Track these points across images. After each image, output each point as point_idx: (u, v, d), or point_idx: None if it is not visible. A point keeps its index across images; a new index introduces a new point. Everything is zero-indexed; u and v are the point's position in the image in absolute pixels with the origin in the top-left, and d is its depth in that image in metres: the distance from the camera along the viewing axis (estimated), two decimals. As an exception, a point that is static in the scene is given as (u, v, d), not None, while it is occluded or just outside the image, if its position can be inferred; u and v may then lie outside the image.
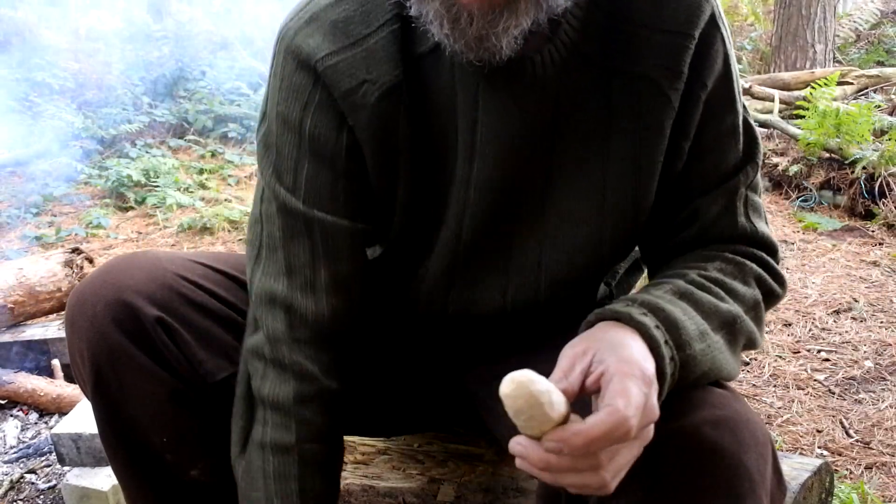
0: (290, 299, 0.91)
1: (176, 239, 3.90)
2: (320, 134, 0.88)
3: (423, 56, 0.86)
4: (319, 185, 0.89)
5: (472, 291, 0.95)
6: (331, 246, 0.91)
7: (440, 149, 0.88)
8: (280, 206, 0.90)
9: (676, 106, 0.86)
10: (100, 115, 5.46)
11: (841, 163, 3.84)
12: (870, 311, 2.70)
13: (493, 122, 0.85)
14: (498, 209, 0.89)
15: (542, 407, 0.63)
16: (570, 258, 0.92)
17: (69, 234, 3.96)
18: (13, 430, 2.10)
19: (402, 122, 0.87)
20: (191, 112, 5.73)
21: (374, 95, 0.85)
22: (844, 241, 3.43)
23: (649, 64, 0.85)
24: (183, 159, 5.13)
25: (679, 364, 0.74)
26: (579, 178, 0.89)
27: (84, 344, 0.89)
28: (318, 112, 0.87)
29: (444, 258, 0.92)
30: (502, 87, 0.84)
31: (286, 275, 0.91)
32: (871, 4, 7.37)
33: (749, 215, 0.92)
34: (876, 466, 1.80)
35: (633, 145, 0.87)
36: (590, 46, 0.85)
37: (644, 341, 0.72)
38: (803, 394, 2.15)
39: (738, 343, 0.84)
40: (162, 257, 0.96)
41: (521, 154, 0.87)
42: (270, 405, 0.92)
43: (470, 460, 1.23)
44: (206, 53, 6.69)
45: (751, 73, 6.37)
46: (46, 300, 2.47)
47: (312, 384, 0.92)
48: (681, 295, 0.81)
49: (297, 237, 0.91)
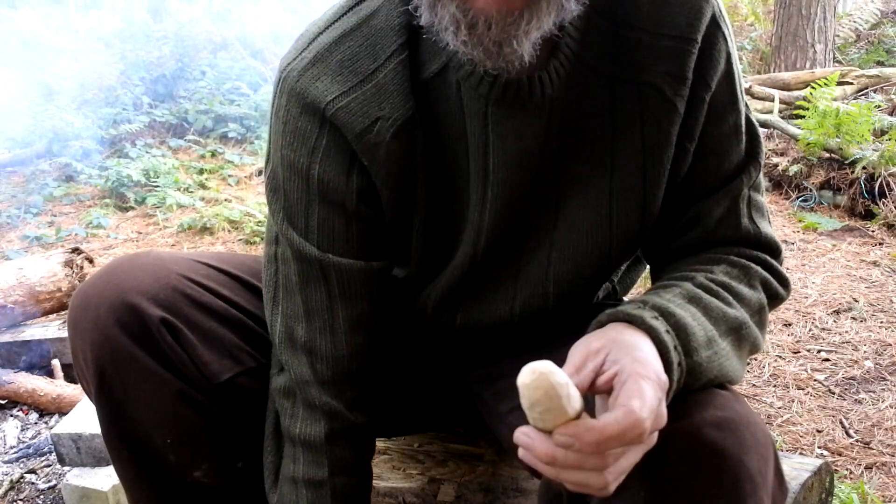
0: (311, 342, 0.92)
1: (176, 239, 3.90)
2: (329, 179, 0.86)
3: (429, 80, 0.84)
4: (332, 228, 0.88)
5: (480, 305, 0.95)
6: (347, 287, 0.91)
7: (453, 174, 0.87)
8: (295, 252, 0.90)
9: (682, 111, 0.85)
10: (100, 115, 5.46)
11: (841, 163, 3.84)
12: (870, 311, 2.70)
13: (505, 144, 0.84)
14: (511, 227, 0.89)
15: (559, 400, 0.62)
16: (578, 268, 0.91)
17: (69, 234, 3.96)
18: (13, 430, 2.10)
19: (417, 153, 0.85)
20: (191, 112, 5.72)
21: (390, 132, 0.83)
22: (844, 241, 3.43)
23: (653, 71, 0.84)
24: (183, 159, 5.13)
25: (686, 370, 0.74)
26: (588, 189, 0.88)
27: (88, 346, 0.88)
28: (326, 158, 0.85)
29: (456, 276, 0.92)
30: (510, 108, 0.82)
31: (305, 318, 0.92)
32: (871, 4, 7.36)
33: (752, 216, 0.92)
34: (876, 466, 1.81)
35: (640, 153, 0.86)
36: (592, 55, 0.84)
37: (655, 345, 0.72)
38: (803, 394, 2.15)
39: (744, 348, 0.84)
40: (165, 258, 0.96)
41: (533, 171, 0.86)
42: (301, 443, 0.94)
43: (470, 460, 1.23)
44: (206, 53, 6.69)
45: (751, 73, 6.36)
46: (46, 300, 2.47)
47: (342, 421, 0.95)
48: (690, 299, 0.80)
49: (313, 282, 0.91)
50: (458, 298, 0.95)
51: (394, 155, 0.84)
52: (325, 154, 0.85)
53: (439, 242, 0.91)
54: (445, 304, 0.96)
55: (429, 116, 0.85)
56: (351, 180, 0.86)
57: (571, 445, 0.62)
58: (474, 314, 0.96)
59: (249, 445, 0.98)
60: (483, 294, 0.94)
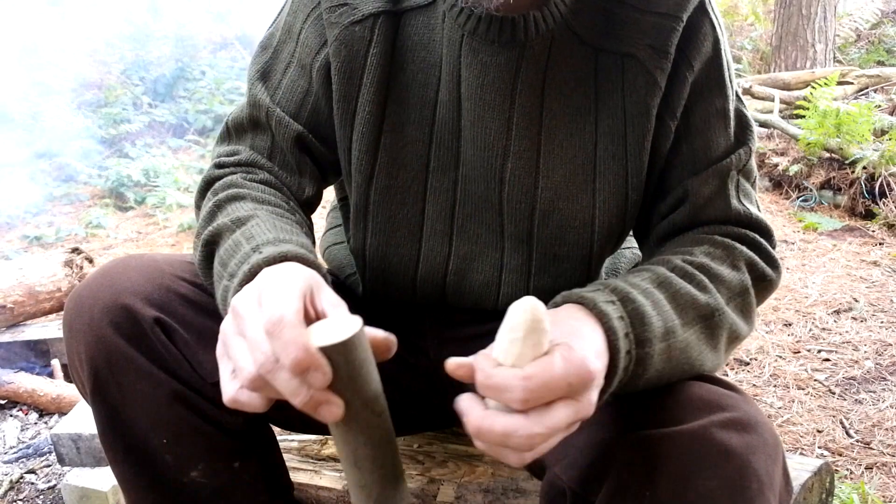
0: (252, 157, 0.99)
1: (176, 239, 3.90)
2: (309, 45, 0.96)
3: (419, 8, 0.93)
4: (294, 90, 0.98)
5: (471, 254, 0.97)
6: (285, 148, 0.98)
7: (418, 101, 0.93)
8: (251, 100, 0.99)
9: (663, 86, 0.89)
10: (100, 115, 5.47)
11: (841, 163, 3.84)
12: (870, 310, 2.70)
13: (471, 75, 0.90)
14: (489, 173, 0.92)
15: (542, 334, 0.62)
16: (561, 233, 0.93)
17: (69, 234, 3.97)
18: (13, 430, 2.10)
19: (371, 55, 0.92)
20: (191, 112, 5.73)
21: (348, 19, 0.93)
22: (845, 240, 3.43)
23: (636, 44, 0.89)
24: (183, 159, 5.14)
25: (635, 359, 0.73)
26: (570, 153, 0.91)
27: (82, 348, 0.88)
28: (312, 24, 0.95)
29: (440, 215, 0.95)
30: (481, 42, 0.88)
31: (251, 148, 1.00)
32: (872, 4, 7.37)
33: (741, 199, 0.93)
34: (876, 466, 1.80)
35: (621, 123, 0.90)
36: (580, 25, 0.89)
37: (603, 331, 0.70)
38: (803, 394, 2.15)
39: (718, 336, 0.82)
40: (159, 259, 0.96)
41: (504, 115, 0.90)
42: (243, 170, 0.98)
43: (470, 460, 1.23)
44: (206, 53, 6.70)
45: (751, 73, 6.36)
46: (46, 300, 2.47)
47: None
48: (659, 283, 0.79)
49: (261, 131, 0.99)
50: (445, 258, 0.97)
51: (346, 44, 0.93)
52: (314, 20, 0.95)
53: (405, 162, 0.95)
54: (434, 264, 0.98)
55: (409, 38, 0.93)
56: (320, 53, 0.95)
57: (533, 382, 0.61)
58: (462, 272, 0.98)
59: (246, 445, 0.98)
60: (469, 256, 0.97)
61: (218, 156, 1.02)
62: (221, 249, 0.84)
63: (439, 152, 0.94)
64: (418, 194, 0.95)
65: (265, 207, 0.90)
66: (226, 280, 0.81)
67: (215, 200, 0.91)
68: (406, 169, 0.95)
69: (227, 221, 0.86)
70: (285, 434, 1.30)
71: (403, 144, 0.94)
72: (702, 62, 0.89)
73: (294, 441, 1.37)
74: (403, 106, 0.94)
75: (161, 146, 5.32)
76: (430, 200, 0.95)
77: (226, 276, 0.81)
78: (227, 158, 1.00)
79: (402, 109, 0.94)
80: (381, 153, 0.94)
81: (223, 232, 0.86)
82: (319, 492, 1.28)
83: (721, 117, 0.91)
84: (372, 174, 0.95)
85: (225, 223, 0.86)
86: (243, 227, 0.84)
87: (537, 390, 0.61)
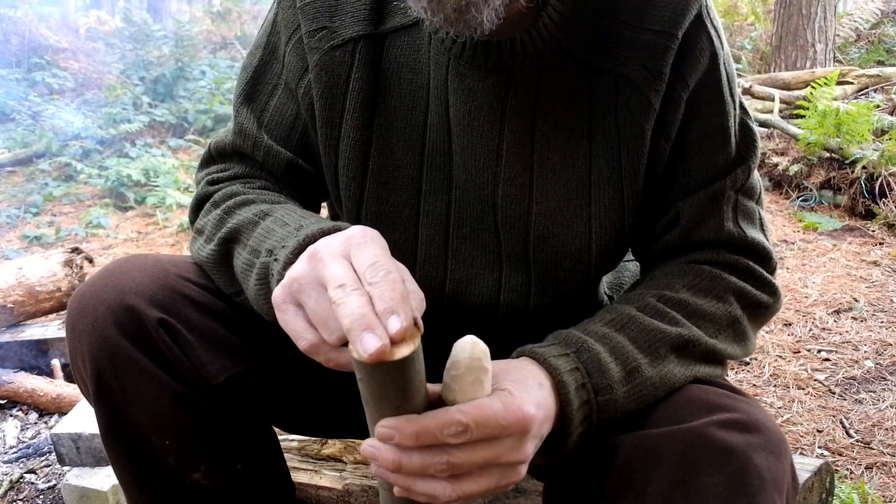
0: (246, 171, 0.97)
1: (176, 239, 3.90)
2: (293, 69, 0.93)
3: (403, 29, 0.90)
4: (283, 114, 0.95)
5: (467, 277, 0.94)
6: (279, 174, 0.96)
7: (406, 125, 0.90)
8: (237, 128, 0.97)
9: (657, 107, 0.86)
10: (100, 115, 5.47)
11: (841, 162, 3.85)
12: (870, 310, 2.70)
13: (458, 100, 0.87)
14: (481, 198, 0.90)
15: (483, 373, 0.64)
16: (557, 258, 0.91)
17: (69, 234, 3.97)
18: (13, 429, 2.10)
19: (352, 80, 0.90)
20: (191, 112, 5.73)
21: (328, 44, 0.90)
22: (845, 240, 3.43)
23: (630, 63, 0.85)
24: (183, 159, 5.14)
25: (597, 407, 0.74)
26: (563, 177, 0.88)
27: (86, 348, 0.88)
28: (294, 48, 0.93)
29: (434, 238, 0.93)
30: (467, 66, 0.85)
31: (237, 160, 0.99)
32: (872, 4, 7.37)
33: (738, 220, 0.90)
34: (876, 466, 1.80)
35: (616, 146, 0.87)
36: (572, 42, 0.85)
37: (553, 385, 0.72)
38: (803, 394, 2.15)
39: (695, 364, 0.82)
40: (163, 259, 0.95)
41: (494, 140, 0.87)
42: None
43: (470, 461, 1.22)
44: (206, 53, 6.70)
45: (751, 72, 6.37)
46: (46, 300, 2.47)
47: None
48: (622, 326, 0.80)
49: (247, 158, 0.98)
50: (443, 270, 0.95)
51: (326, 70, 0.90)
52: (294, 45, 0.93)
53: (395, 187, 0.92)
54: (432, 271, 0.95)
55: (395, 61, 0.90)
56: (303, 79, 0.93)
57: (465, 426, 0.62)
58: (461, 284, 0.95)
59: (248, 446, 0.98)
60: (468, 273, 0.94)
61: (208, 174, 1.00)
62: (250, 240, 0.82)
63: (431, 175, 0.91)
64: (410, 218, 0.93)
65: (281, 205, 0.88)
66: (263, 257, 0.78)
67: (224, 208, 0.90)
68: (397, 193, 0.92)
69: (248, 216, 0.85)
70: (285, 434, 1.30)
71: (393, 168, 0.92)
72: (698, 78, 0.86)
73: (294, 441, 1.37)
74: (392, 129, 0.91)
75: (161, 146, 5.32)
76: (423, 224, 0.93)
77: (263, 255, 0.79)
78: (220, 174, 0.98)
79: (391, 133, 0.91)
80: (370, 178, 0.92)
81: (243, 228, 0.85)
82: (319, 492, 1.28)
83: (718, 134, 0.89)
84: (361, 199, 0.93)
85: (246, 218, 0.85)
86: (270, 218, 0.83)
87: (472, 426, 0.63)
